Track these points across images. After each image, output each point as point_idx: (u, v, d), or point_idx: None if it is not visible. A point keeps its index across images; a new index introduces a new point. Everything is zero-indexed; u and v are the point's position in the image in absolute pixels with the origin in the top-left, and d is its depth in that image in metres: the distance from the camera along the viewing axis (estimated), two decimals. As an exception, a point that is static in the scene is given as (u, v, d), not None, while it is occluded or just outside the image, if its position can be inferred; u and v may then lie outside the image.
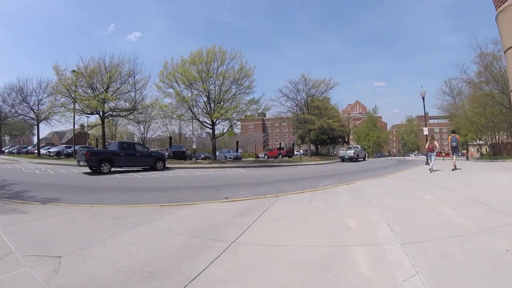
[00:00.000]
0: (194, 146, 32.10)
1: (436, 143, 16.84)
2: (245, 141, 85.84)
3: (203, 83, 27.43)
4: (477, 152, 46.65)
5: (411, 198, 7.55)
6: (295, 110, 42.45)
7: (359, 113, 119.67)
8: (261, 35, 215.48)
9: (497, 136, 32.11)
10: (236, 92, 29.09)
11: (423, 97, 24.35)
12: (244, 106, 29.25)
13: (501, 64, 25.73)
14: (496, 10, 9.75)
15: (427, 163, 21.52)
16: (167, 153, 30.13)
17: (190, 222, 5.87)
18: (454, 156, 15.44)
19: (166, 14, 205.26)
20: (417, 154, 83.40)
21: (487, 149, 41.84)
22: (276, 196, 8.60)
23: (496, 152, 30.80)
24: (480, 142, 39.28)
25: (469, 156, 35.10)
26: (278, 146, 52.65)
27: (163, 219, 6.05)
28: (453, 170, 14.64)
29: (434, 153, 15.91)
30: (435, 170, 14.62)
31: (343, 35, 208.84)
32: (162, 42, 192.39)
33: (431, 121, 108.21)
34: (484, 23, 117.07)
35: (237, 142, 38.72)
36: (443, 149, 20.05)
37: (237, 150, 38.55)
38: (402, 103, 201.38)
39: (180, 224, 5.72)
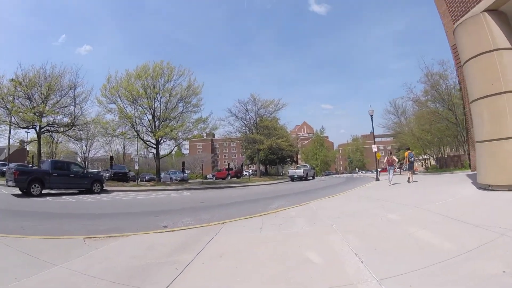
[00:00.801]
0: (137, 167, 30.08)
1: (394, 157, 18.63)
2: (193, 162, 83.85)
3: (148, 100, 25.89)
4: (422, 166, 49.85)
5: (373, 218, 7.04)
6: (244, 130, 42.20)
7: (307, 133, 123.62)
8: (217, 55, 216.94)
9: (442, 150, 34.37)
10: (183, 110, 27.94)
11: (371, 115, 25.21)
12: (191, 125, 28.04)
13: (447, 82, 27.88)
14: (454, 24, 10.09)
15: (377, 179, 22.75)
16: (107, 174, 27.94)
17: (115, 261, 4.74)
18: (410, 171, 17.18)
19: (120, 29, 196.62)
20: (364, 171, 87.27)
21: (431, 163, 44.79)
22: (222, 224, 7.64)
23: (442, 165, 32.87)
24: (425, 157, 41.92)
25: (414, 170, 37.17)
26: (227, 166, 51.83)
27: (83, 257, 4.91)
28: (409, 182, 16.11)
29: (393, 167, 17.35)
30: (393, 184, 15.99)
31: (296, 59, 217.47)
32: (113, 57, 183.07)
33: (375, 139, 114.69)
34: (430, 49, 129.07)
35: (183, 163, 37.09)
36: (400, 163, 21.16)
37: (183, 171, 36.93)
38: (348, 123, 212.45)
39: (102, 263, 4.58)
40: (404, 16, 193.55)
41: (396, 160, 18.92)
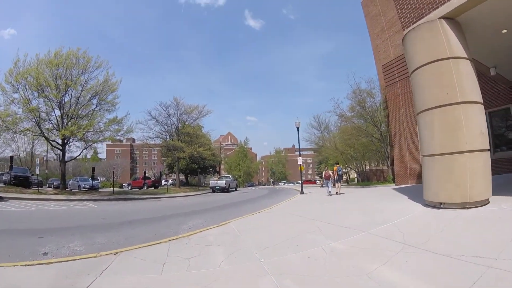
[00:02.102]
0: (37, 170, 24.97)
1: (330, 172, 19.08)
2: (110, 168, 76.44)
3: (57, 92, 21.67)
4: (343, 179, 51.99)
5: (314, 248, 5.40)
6: (165, 136, 38.83)
7: (231, 143, 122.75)
8: (143, 57, 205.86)
9: (364, 165, 35.41)
10: (96, 107, 24.13)
11: (297, 127, 24.56)
12: (102, 125, 24.28)
13: (373, 100, 28.89)
14: (404, 30, 9.33)
15: (302, 192, 22.74)
16: (5, 178, 23.35)
17: None
18: (339, 184, 18.78)
19: (48, 14, 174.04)
20: (286, 182, 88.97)
21: (350, 177, 46.51)
22: (116, 254, 5.56)
23: (364, 179, 33.81)
24: (346, 170, 43.29)
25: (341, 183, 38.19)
26: (143, 175, 47.47)
27: None
28: (337, 193, 17.89)
29: (330, 180, 18.51)
30: (331, 195, 17.46)
31: (225, 70, 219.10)
32: (38, 43, 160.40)
33: (297, 153, 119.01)
34: (356, 71, 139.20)
35: (93, 169, 32.12)
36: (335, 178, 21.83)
37: (93, 179, 32.10)
38: (271, 136, 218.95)
39: None
40: (331, 41, 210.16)
41: (331, 174, 19.41)
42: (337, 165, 19.72)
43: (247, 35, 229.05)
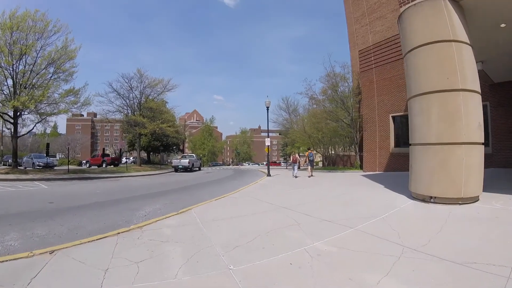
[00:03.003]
0: None
1: (298, 156, 21.71)
2: (71, 144, 71.73)
3: (10, 58, 18.96)
4: (305, 162, 51.97)
5: (295, 251, 4.42)
6: (126, 111, 35.96)
7: (197, 121, 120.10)
8: (109, 29, 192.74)
9: (331, 150, 35.20)
10: (52, 76, 21.43)
11: (267, 107, 23.47)
12: (58, 96, 21.67)
13: (345, 85, 28.34)
14: (401, 7, 8.42)
15: (269, 175, 22.25)
16: None
17: None
18: (310, 167, 20.24)
19: None
20: (251, 163, 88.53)
21: (318, 160, 46.50)
22: (52, 253, 4.44)
23: (330, 163, 33.67)
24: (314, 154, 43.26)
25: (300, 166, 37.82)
26: (101, 152, 44.66)
27: None
28: (309, 177, 18.67)
29: (297, 164, 20.44)
30: (296, 177, 18.72)
31: (195, 47, 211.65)
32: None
33: (263, 134, 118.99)
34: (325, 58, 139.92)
35: (47, 145, 28.77)
36: (305, 162, 22.72)
37: (47, 155, 29.24)
38: (237, 116, 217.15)
39: None
40: (305, 25, 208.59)
41: (299, 159, 22.37)
42: (309, 151, 21.72)
43: (221, 12, 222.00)
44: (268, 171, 22.98)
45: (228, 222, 6.42)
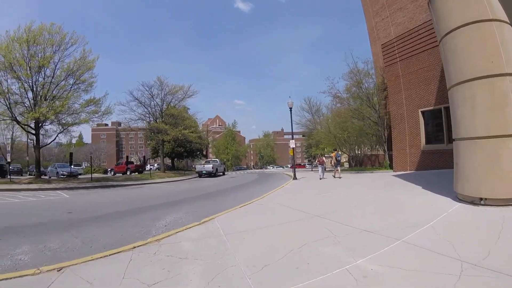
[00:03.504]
0: (9, 158, 22.82)
1: (324, 158, 21.79)
2: (94, 153, 73.63)
3: (29, 71, 19.36)
4: (330, 163, 50.73)
5: (335, 273, 3.69)
6: (148, 118, 36.14)
7: (219, 126, 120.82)
8: (127, 41, 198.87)
9: (357, 149, 33.99)
10: (72, 87, 21.77)
11: (290, 108, 22.83)
12: (78, 106, 22.03)
13: (370, 81, 27.25)
14: None
15: (295, 178, 21.61)
16: None
17: None
18: (338, 168, 20.55)
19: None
20: (275, 166, 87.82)
21: (343, 161, 45.10)
22: (59, 270, 4.12)
23: (357, 164, 32.46)
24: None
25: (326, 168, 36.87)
26: (125, 159, 45.28)
27: None
28: (335, 177, 19.33)
29: (323, 166, 20.75)
30: (322, 179, 19.00)
31: (212, 54, 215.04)
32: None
33: (286, 136, 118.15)
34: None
35: (71, 154, 29.49)
36: (331, 163, 22.89)
37: (70, 165, 29.87)
38: (260, 120, 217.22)
39: None
40: (321, 25, 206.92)
41: (325, 161, 22.14)
42: (336, 151, 21.71)
43: (236, 18, 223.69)
44: (294, 174, 22.30)
45: (255, 234, 5.82)
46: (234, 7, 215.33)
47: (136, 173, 36.57)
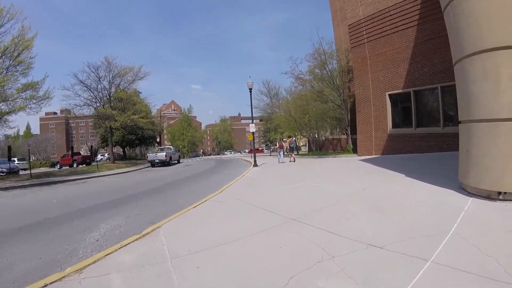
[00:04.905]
0: None
1: (283, 143, 23.54)
2: (42, 144, 67.33)
3: None
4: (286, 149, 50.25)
5: None
6: (95, 104, 32.14)
7: (174, 111, 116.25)
8: (81, 22, 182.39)
9: (317, 133, 33.31)
10: (8, 71, 18.32)
11: (250, 89, 21.17)
12: (14, 91, 18.66)
13: (334, 62, 26.20)
14: None
15: (255, 165, 20.13)
16: None
17: None
18: (293, 153, 22.56)
19: None
20: (232, 152, 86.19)
21: (301, 145, 44.52)
22: None
23: (317, 148, 31.82)
24: (299, 138, 41.08)
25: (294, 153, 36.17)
26: (71, 151, 41.40)
27: None
28: (290, 161, 21.09)
29: (282, 150, 22.70)
30: (282, 163, 20.42)
31: (172, 36, 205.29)
32: None
33: (243, 121, 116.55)
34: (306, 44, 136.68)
35: (9, 148, 24.85)
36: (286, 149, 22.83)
37: (9, 160, 25.41)
38: (217, 105, 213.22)
39: None
40: (283, 11, 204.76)
41: (284, 145, 23.44)
42: (290, 138, 23.86)
43: (197, 0, 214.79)
44: (255, 161, 20.88)
45: (213, 257, 4.04)
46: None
47: (84, 165, 33.51)
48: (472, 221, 4.51)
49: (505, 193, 5.04)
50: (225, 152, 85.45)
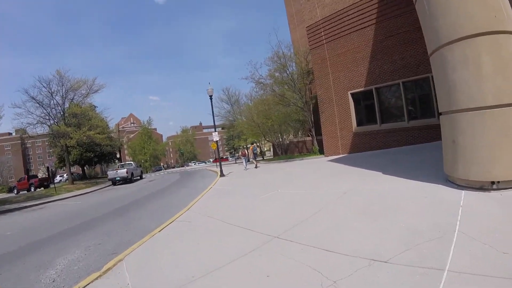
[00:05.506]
0: None
1: (246, 151, 24.25)
2: None
3: None
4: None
5: None
6: (49, 121, 29.85)
7: (133, 123, 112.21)
8: (32, 33, 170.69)
9: (281, 137, 33.06)
10: None
11: (210, 96, 20.44)
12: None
13: (294, 64, 25.97)
14: None
15: (222, 175, 19.35)
16: None
17: None
18: (255, 160, 23.41)
19: None
20: (197, 162, 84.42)
21: (261, 150, 44.13)
22: None
23: (283, 152, 31.54)
24: (259, 145, 40.64)
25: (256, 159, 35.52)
26: (26, 174, 38.37)
27: None
28: (256, 167, 21.22)
29: (246, 157, 23.38)
30: (247, 169, 21.07)
31: (126, 47, 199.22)
32: None
33: (205, 130, 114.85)
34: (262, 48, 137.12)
35: None
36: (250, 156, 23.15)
37: None
38: (176, 115, 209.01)
39: None
40: (238, 16, 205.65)
41: (247, 152, 24.24)
42: (252, 145, 25.69)
43: (150, 9, 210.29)
44: (221, 171, 20.19)
45: None
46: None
47: (42, 188, 31.21)
48: (473, 217, 4.23)
49: (498, 182, 4.87)
50: (189, 163, 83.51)
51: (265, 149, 48.75)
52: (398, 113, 16.29)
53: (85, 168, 41.17)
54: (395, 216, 4.81)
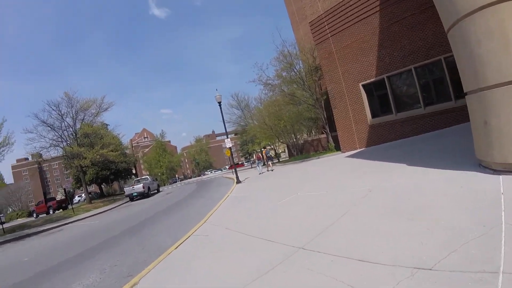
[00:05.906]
0: None
1: (260, 155, 24.40)
2: (14, 194, 63.57)
3: None
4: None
5: None
6: (61, 143, 30.47)
7: (145, 138, 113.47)
8: (37, 58, 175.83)
9: (295, 137, 32.52)
10: None
11: (219, 102, 20.23)
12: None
13: (300, 63, 25.51)
14: None
15: (238, 181, 18.99)
16: None
17: None
18: (270, 162, 23.29)
19: None
20: (213, 171, 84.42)
21: (278, 152, 43.65)
22: None
23: (298, 152, 31.01)
24: (273, 147, 40.21)
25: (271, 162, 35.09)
26: (44, 197, 39.01)
27: None
28: (268, 170, 22.29)
29: (261, 161, 23.69)
30: (262, 173, 21.50)
31: (133, 63, 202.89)
32: None
33: (218, 138, 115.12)
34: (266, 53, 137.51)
35: None
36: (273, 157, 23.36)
37: None
38: (189, 126, 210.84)
39: None
40: (240, 24, 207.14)
41: (261, 156, 24.26)
42: (265, 149, 25.19)
43: (153, 25, 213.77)
44: (237, 177, 19.81)
45: None
46: (149, 15, 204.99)
47: (61, 210, 31.49)
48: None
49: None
50: (206, 172, 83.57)
51: (280, 151, 48.18)
52: (413, 100, 15.61)
53: (102, 186, 41.56)
54: (430, 214, 4.26)
